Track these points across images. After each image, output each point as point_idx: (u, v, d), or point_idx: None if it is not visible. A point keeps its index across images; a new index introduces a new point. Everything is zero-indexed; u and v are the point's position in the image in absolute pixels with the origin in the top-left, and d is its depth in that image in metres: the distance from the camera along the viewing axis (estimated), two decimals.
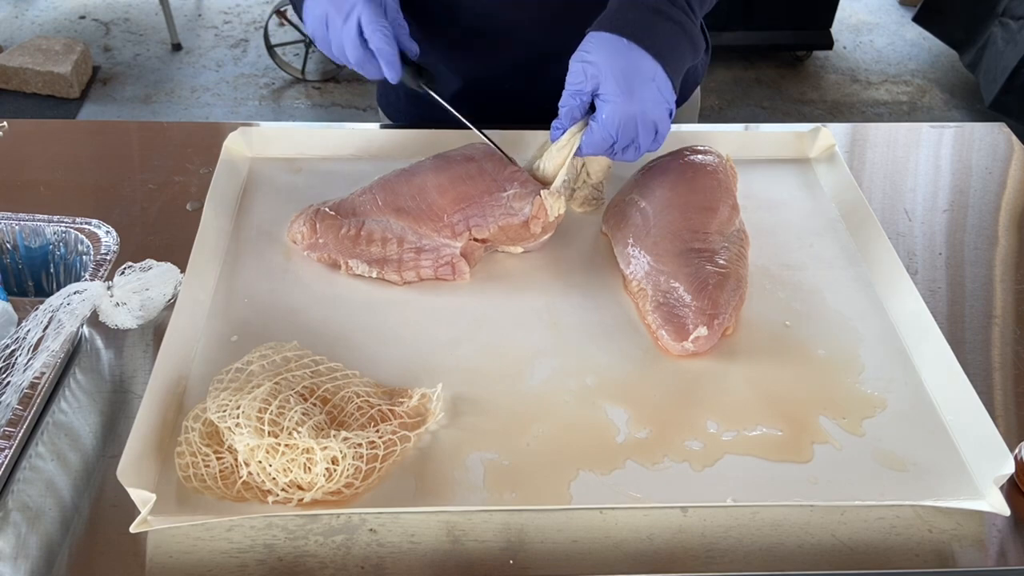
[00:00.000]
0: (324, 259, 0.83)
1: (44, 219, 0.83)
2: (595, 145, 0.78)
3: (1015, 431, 0.72)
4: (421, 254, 0.81)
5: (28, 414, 0.66)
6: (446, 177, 0.83)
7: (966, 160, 1.05)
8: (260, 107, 2.98)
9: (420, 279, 0.82)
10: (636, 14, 0.76)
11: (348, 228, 0.82)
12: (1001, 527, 0.64)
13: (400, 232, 0.82)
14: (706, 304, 0.75)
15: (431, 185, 0.83)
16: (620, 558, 0.61)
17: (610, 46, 0.75)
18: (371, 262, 0.81)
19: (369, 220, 0.83)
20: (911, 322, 0.78)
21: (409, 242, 0.81)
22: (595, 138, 0.78)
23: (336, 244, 0.82)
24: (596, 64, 0.75)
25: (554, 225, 0.82)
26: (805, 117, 3.00)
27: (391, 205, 0.83)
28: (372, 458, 0.64)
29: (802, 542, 0.63)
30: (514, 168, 0.84)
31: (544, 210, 0.80)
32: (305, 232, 0.83)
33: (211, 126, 1.09)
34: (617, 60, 0.75)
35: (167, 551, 0.61)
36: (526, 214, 0.80)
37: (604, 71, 0.75)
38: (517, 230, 0.82)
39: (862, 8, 3.65)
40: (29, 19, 3.38)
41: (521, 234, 0.82)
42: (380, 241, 0.81)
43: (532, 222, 0.81)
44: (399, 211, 0.82)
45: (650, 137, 0.78)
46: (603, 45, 0.76)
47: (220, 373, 0.69)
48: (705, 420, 0.70)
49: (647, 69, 0.75)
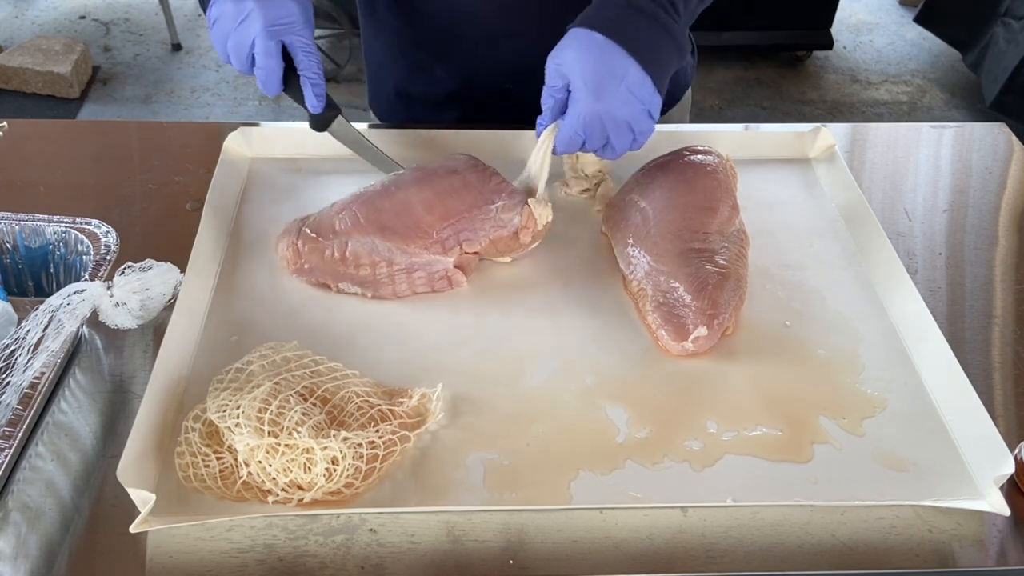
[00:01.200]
0: (313, 282, 0.81)
1: (44, 219, 0.83)
2: (565, 143, 0.77)
3: (1015, 431, 0.72)
4: (413, 273, 0.80)
5: (28, 414, 0.66)
6: (431, 192, 0.81)
7: (966, 160, 1.05)
8: (260, 107, 2.98)
9: (415, 294, 0.81)
10: (614, 11, 0.75)
11: (332, 250, 0.79)
12: (1001, 527, 0.64)
13: (388, 254, 0.79)
14: (706, 304, 0.75)
15: (416, 200, 0.80)
16: (620, 558, 0.61)
17: (582, 43, 0.74)
18: (361, 284, 0.79)
19: (352, 241, 0.79)
20: (911, 322, 0.78)
21: (398, 263, 0.79)
22: (563, 136, 0.77)
23: (323, 268, 0.80)
24: (566, 62, 0.75)
25: (543, 233, 0.82)
26: (805, 117, 3.00)
27: (374, 223, 0.80)
28: (372, 458, 0.64)
29: (802, 542, 0.63)
30: (498, 179, 0.83)
31: (533, 219, 0.80)
32: (290, 257, 0.80)
33: (211, 126, 1.09)
34: (587, 57, 0.74)
35: (167, 551, 0.61)
36: (515, 225, 0.80)
37: (573, 69, 0.74)
38: (507, 241, 0.81)
39: (862, 8, 3.65)
40: (29, 19, 3.38)
41: (511, 245, 0.82)
42: (369, 264, 0.79)
43: (522, 232, 0.80)
44: (383, 229, 0.79)
45: (626, 138, 0.76)
46: (576, 42, 0.75)
47: (220, 373, 0.69)
48: (705, 420, 0.70)
49: (619, 67, 0.73)
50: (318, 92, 0.84)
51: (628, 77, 0.74)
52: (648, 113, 0.76)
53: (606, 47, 0.74)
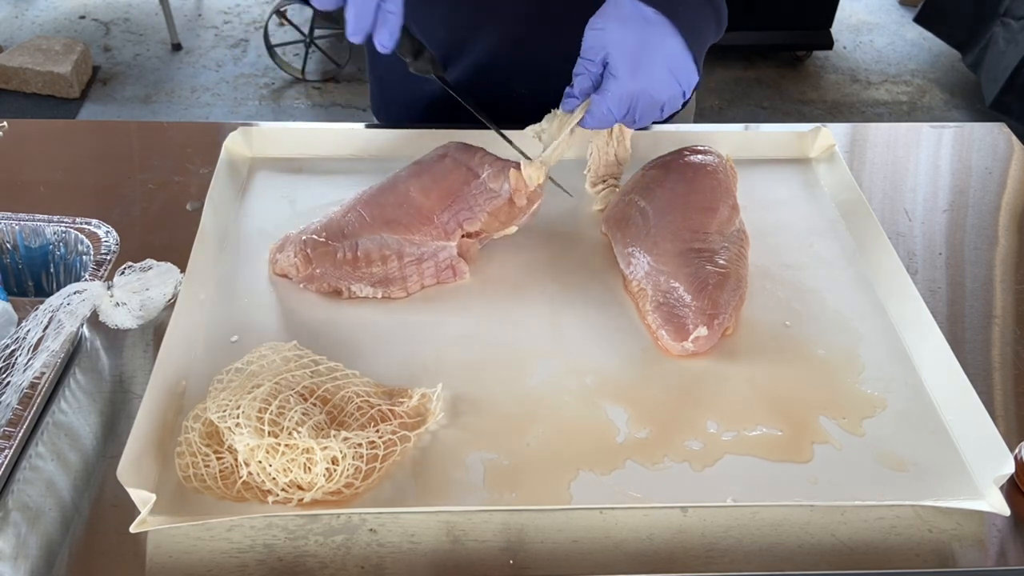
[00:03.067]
0: (323, 289, 0.80)
1: (44, 219, 0.83)
2: (598, 119, 0.73)
3: (1015, 431, 0.72)
4: (422, 263, 0.80)
5: (28, 414, 0.66)
6: (428, 178, 0.83)
7: (966, 160, 1.05)
8: (260, 107, 2.98)
9: (423, 288, 0.81)
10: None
11: (343, 252, 0.79)
12: (1001, 527, 0.64)
13: (397, 246, 0.80)
14: (706, 304, 0.75)
15: (414, 189, 0.82)
16: (620, 558, 0.61)
17: (626, 14, 0.69)
18: (375, 283, 0.79)
19: (362, 239, 0.80)
20: (911, 322, 0.78)
21: (408, 254, 0.80)
22: (597, 112, 0.73)
23: (335, 271, 0.79)
24: (608, 34, 0.70)
25: (539, 194, 0.82)
26: (805, 117, 3.00)
27: (380, 219, 0.81)
28: (372, 458, 0.64)
29: (802, 542, 0.63)
30: (483, 153, 0.83)
31: (522, 181, 0.80)
32: (299, 264, 0.79)
33: (211, 126, 1.09)
34: (628, 31, 0.69)
35: (167, 551, 0.61)
36: (507, 191, 0.80)
37: (615, 42, 0.69)
38: (505, 210, 0.81)
39: (862, 8, 3.65)
40: (29, 19, 3.38)
41: (511, 212, 0.82)
42: (380, 260, 0.79)
43: (516, 196, 0.80)
44: (389, 223, 0.81)
45: (655, 115, 0.73)
46: (620, 11, 0.70)
47: (220, 373, 0.69)
48: (705, 420, 0.70)
49: (661, 43, 0.69)
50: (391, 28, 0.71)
51: (671, 56, 0.70)
52: (683, 93, 0.73)
53: (653, 21, 0.69)
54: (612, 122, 0.75)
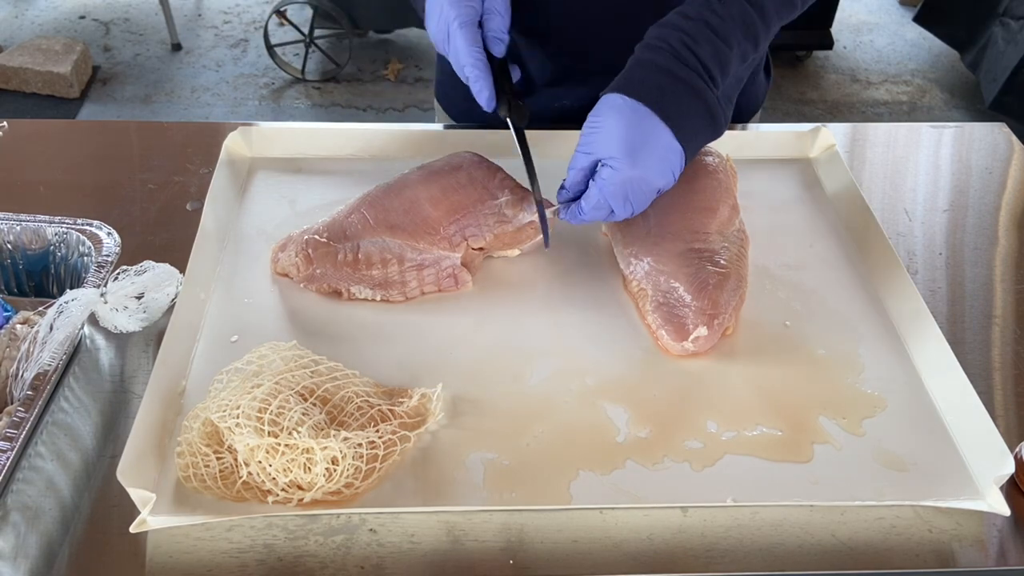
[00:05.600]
0: (323, 290, 0.80)
1: (45, 220, 0.82)
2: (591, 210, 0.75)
3: (1015, 431, 0.72)
4: (423, 270, 0.80)
5: (28, 415, 0.66)
6: (437, 188, 0.82)
7: (966, 160, 1.05)
8: (260, 107, 2.98)
9: (423, 294, 0.81)
10: (649, 76, 0.74)
11: (344, 253, 0.79)
12: (1001, 527, 0.64)
13: (399, 251, 0.79)
14: (706, 304, 0.75)
15: (423, 198, 0.81)
16: (620, 558, 0.61)
17: (617, 108, 0.73)
18: (374, 286, 0.79)
19: (364, 242, 0.80)
20: (911, 322, 0.78)
21: (409, 260, 0.79)
22: (591, 202, 0.75)
23: (336, 272, 0.79)
24: (602, 128, 0.73)
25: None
26: (805, 117, 3.00)
27: (384, 223, 0.80)
28: (372, 458, 0.64)
29: (802, 542, 0.63)
30: (503, 175, 0.83)
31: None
32: (300, 264, 0.79)
33: (211, 126, 1.09)
34: (621, 122, 0.72)
35: (167, 551, 0.61)
36: (521, 221, 0.80)
37: (609, 134, 0.73)
38: (513, 236, 0.82)
39: (862, 8, 3.65)
40: (29, 19, 3.38)
41: (517, 238, 0.82)
42: (380, 263, 0.79)
43: (529, 227, 0.81)
44: (393, 228, 0.80)
45: (647, 201, 0.76)
46: (611, 107, 0.73)
47: (220, 373, 0.69)
48: (705, 420, 0.70)
49: (654, 133, 0.72)
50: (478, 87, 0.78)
51: (661, 143, 0.73)
52: (674, 179, 0.76)
53: (639, 112, 0.72)
54: (607, 214, 0.76)
